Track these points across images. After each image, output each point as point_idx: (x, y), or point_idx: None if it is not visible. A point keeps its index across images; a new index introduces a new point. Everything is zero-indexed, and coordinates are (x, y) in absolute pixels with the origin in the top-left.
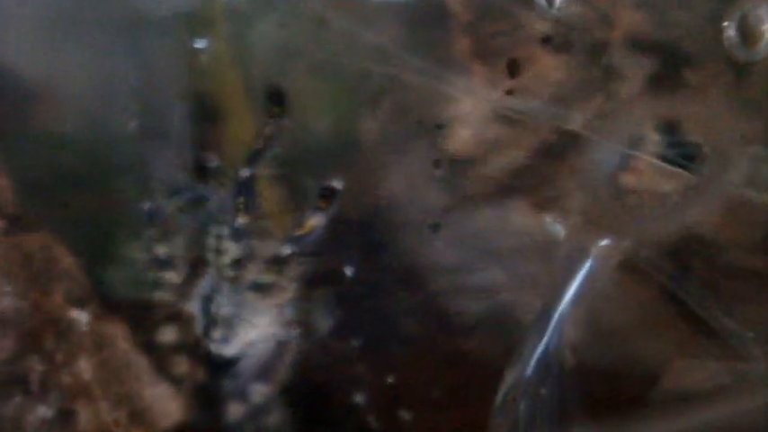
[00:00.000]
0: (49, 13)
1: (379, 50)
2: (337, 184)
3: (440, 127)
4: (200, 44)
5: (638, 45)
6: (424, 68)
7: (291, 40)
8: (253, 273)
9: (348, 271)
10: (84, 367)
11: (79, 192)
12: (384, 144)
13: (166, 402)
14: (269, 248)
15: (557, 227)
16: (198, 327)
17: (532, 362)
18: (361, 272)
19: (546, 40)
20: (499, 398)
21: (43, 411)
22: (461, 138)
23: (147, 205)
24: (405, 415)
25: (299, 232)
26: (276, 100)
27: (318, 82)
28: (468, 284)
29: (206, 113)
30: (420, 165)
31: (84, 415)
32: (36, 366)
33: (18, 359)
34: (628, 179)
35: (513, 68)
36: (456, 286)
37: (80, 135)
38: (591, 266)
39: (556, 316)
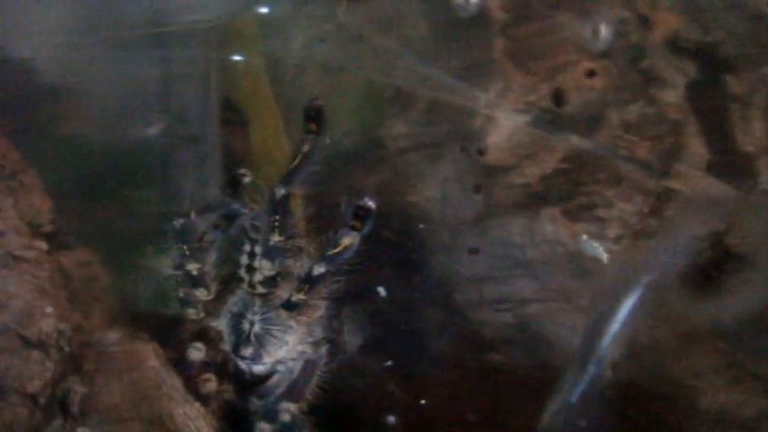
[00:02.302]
0: (78, 24)
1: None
2: (371, 203)
3: (474, 132)
4: (236, 57)
5: (679, 49)
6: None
7: (332, 56)
8: (285, 291)
9: (381, 291)
10: (123, 387)
11: (109, 206)
12: (415, 152)
13: (197, 422)
14: (302, 267)
15: (595, 246)
16: (227, 344)
17: (577, 390)
18: (393, 290)
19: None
20: (545, 421)
21: None
22: (495, 144)
23: (178, 221)
24: None
25: (333, 251)
26: (313, 117)
27: (353, 96)
28: (497, 295)
29: (238, 129)
30: (452, 173)
31: None
32: (76, 388)
33: (59, 381)
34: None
35: (559, 97)
36: (485, 297)
37: (109, 149)
38: (640, 296)
39: (600, 346)
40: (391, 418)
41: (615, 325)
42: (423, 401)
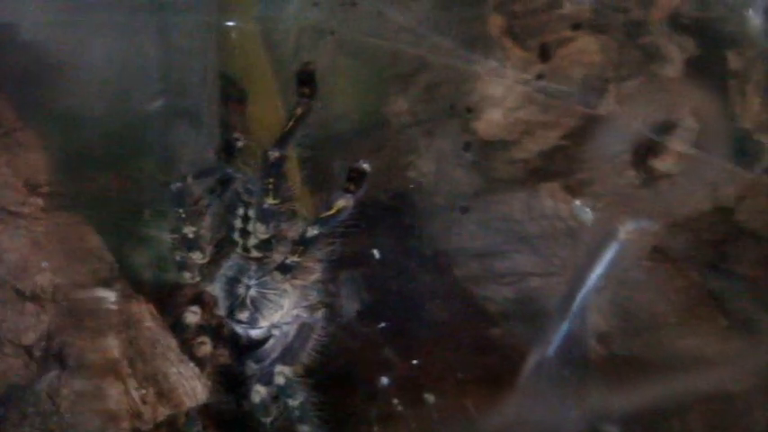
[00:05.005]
0: None
1: (410, 31)
2: (366, 166)
3: (470, 110)
4: (230, 23)
5: (679, 25)
6: (455, 49)
7: (323, 21)
8: (280, 254)
9: (376, 253)
10: (113, 344)
11: (105, 171)
12: (414, 126)
13: (191, 382)
14: (296, 229)
15: (585, 210)
16: (222, 308)
17: (555, 343)
18: (389, 255)
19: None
20: (523, 375)
21: (78, 386)
22: (492, 120)
23: (174, 185)
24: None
25: (326, 213)
26: (306, 81)
27: (348, 62)
28: (496, 269)
29: (233, 93)
30: (450, 147)
31: (114, 391)
32: (71, 341)
33: (54, 334)
34: (661, 163)
35: (545, 53)
36: (484, 271)
37: (105, 114)
38: (619, 251)
39: (579, 300)
40: (385, 380)
41: (595, 277)
42: (415, 362)
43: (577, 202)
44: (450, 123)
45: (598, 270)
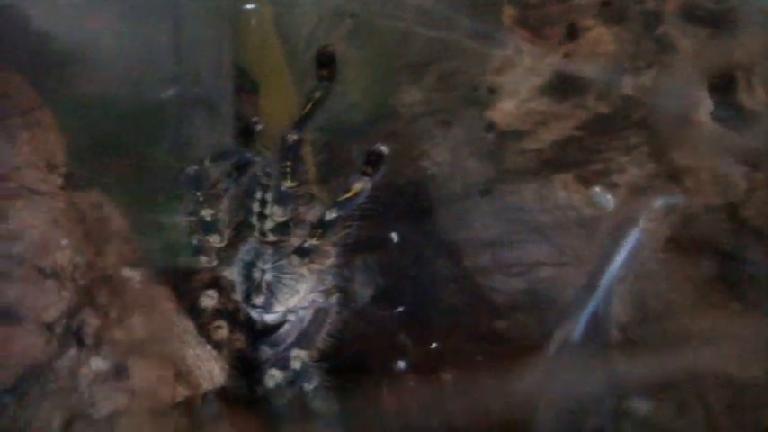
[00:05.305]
0: None
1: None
2: (384, 148)
3: (486, 98)
4: (248, 5)
5: (693, 16)
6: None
7: (344, 3)
8: (297, 237)
9: (394, 237)
10: (134, 325)
11: (121, 155)
12: (427, 115)
13: (209, 364)
14: (314, 213)
15: (606, 197)
16: (239, 293)
17: (580, 327)
18: (404, 239)
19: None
20: (549, 352)
21: (98, 364)
22: (506, 110)
23: (191, 168)
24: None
25: (345, 196)
26: (326, 63)
27: (361, 53)
28: (509, 259)
29: (245, 84)
30: (464, 137)
31: (136, 370)
32: (91, 320)
33: (74, 312)
34: (680, 154)
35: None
36: (496, 261)
37: (121, 99)
38: (639, 238)
39: (603, 285)
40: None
41: (618, 262)
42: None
43: (597, 188)
44: (465, 113)
45: (618, 260)
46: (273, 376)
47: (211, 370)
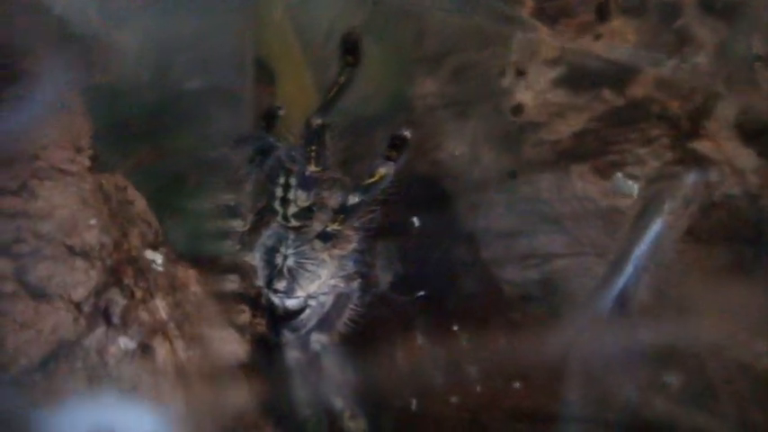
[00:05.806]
0: None
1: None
2: (407, 133)
3: (521, 72)
4: None
5: (711, 8)
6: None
7: None
8: (320, 222)
9: (415, 222)
10: (161, 306)
11: (144, 141)
12: (442, 108)
13: (233, 346)
14: (336, 197)
15: (629, 183)
16: (261, 278)
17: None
18: (425, 225)
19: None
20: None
21: (126, 343)
22: (524, 102)
23: (215, 153)
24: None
25: (368, 181)
26: (351, 48)
27: (377, 47)
28: (525, 250)
29: (263, 76)
30: (483, 129)
31: (161, 351)
32: (118, 299)
33: (102, 291)
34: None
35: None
36: (512, 252)
37: (145, 86)
38: (662, 226)
39: (628, 267)
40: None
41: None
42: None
43: (620, 174)
44: (482, 105)
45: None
46: (294, 357)
47: (235, 351)
